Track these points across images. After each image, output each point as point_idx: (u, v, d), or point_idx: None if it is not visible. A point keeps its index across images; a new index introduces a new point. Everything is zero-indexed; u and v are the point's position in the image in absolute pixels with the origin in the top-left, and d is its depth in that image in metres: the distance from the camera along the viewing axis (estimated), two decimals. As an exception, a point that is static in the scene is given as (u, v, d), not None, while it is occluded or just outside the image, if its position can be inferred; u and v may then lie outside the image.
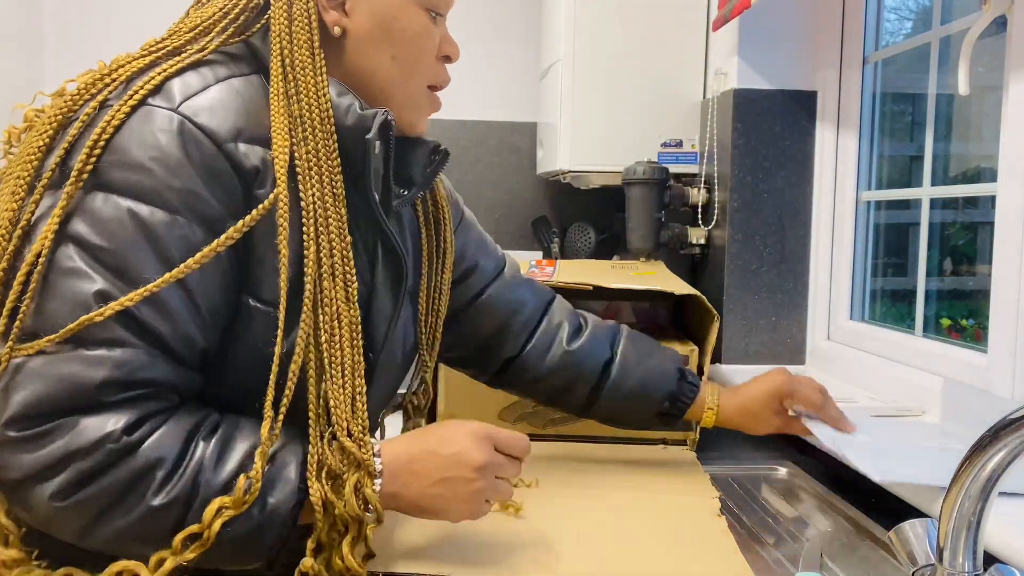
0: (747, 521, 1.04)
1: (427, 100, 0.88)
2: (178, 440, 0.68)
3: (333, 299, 0.75)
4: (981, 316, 1.28)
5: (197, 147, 0.70)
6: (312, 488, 0.71)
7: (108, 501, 0.65)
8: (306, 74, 0.76)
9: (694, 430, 1.26)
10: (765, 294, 1.59)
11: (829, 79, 1.55)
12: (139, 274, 0.67)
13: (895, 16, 1.62)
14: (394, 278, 0.86)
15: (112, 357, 0.66)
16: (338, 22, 0.80)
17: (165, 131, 0.69)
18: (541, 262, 1.51)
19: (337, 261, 0.76)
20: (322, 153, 0.76)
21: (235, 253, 0.73)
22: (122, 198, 0.68)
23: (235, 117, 0.73)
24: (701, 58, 1.76)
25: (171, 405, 0.70)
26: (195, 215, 0.70)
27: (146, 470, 0.66)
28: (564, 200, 2.17)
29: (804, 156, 1.58)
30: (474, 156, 2.18)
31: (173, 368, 0.70)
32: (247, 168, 0.73)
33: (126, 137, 0.69)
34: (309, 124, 0.75)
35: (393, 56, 0.82)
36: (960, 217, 1.55)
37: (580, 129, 1.75)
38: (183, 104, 0.71)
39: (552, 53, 1.84)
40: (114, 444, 0.65)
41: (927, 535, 0.69)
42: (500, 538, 0.90)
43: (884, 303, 1.57)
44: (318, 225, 0.75)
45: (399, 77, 0.83)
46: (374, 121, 0.77)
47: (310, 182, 0.75)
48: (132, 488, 0.65)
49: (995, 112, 1.15)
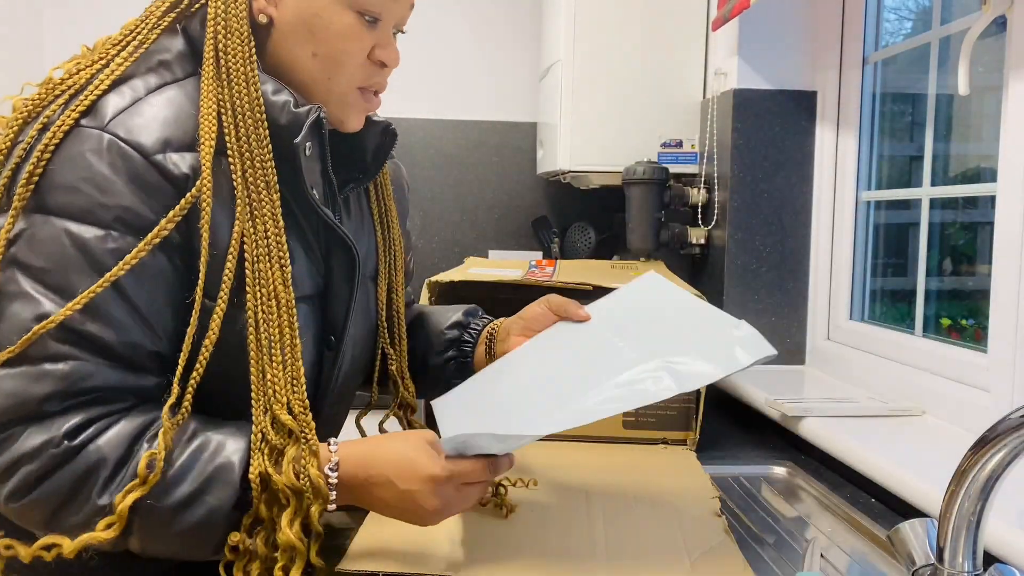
0: (747, 521, 1.04)
1: (357, 99, 0.87)
2: (123, 442, 0.71)
3: (270, 280, 0.77)
4: (981, 316, 1.28)
5: (125, 162, 0.72)
6: (253, 462, 0.73)
7: (58, 500, 0.69)
8: (238, 61, 0.78)
9: (694, 430, 1.26)
10: (765, 294, 1.59)
11: (829, 79, 1.55)
12: (78, 291, 0.70)
13: (895, 16, 1.62)
14: (347, 265, 0.89)
15: (56, 371, 0.69)
16: (264, 10, 0.81)
17: (94, 151, 0.72)
18: (541, 262, 1.51)
19: (273, 244, 0.78)
20: (252, 138, 0.78)
21: (180, 259, 0.75)
22: (58, 219, 0.71)
23: (163, 128, 0.75)
24: (701, 58, 1.76)
25: (123, 407, 0.73)
26: (128, 228, 0.72)
27: (89, 472, 0.69)
28: (564, 200, 2.17)
29: (804, 156, 1.58)
30: (474, 156, 2.18)
31: (122, 374, 0.72)
32: (177, 176, 0.74)
33: (60, 160, 0.72)
34: (239, 110, 0.77)
35: (314, 52, 0.82)
36: (960, 217, 1.55)
37: (580, 129, 1.75)
38: (112, 122, 0.73)
39: (552, 53, 1.84)
40: (55, 449, 0.68)
41: (927, 535, 0.69)
42: (499, 538, 0.90)
43: (884, 303, 1.57)
44: (253, 208, 0.77)
45: (320, 75, 0.83)
46: (306, 120, 0.79)
47: (240, 166, 0.77)
48: (79, 488, 0.69)
49: (995, 112, 1.15)
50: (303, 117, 0.79)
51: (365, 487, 0.76)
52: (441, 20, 2.15)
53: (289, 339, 0.78)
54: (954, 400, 1.18)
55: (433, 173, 2.17)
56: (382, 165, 0.96)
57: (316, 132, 0.82)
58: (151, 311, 0.73)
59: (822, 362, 1.56)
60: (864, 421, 1.21)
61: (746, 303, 1.59)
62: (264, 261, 0.77)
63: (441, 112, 2.17)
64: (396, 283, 1.02)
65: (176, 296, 0.75)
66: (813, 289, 1.59)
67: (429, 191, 2.17)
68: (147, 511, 0.70)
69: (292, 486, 0.73)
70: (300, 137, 0.79)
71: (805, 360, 1.60)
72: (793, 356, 1.60)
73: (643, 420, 1.28)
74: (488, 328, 1.07)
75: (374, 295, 0.99)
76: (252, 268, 0.77)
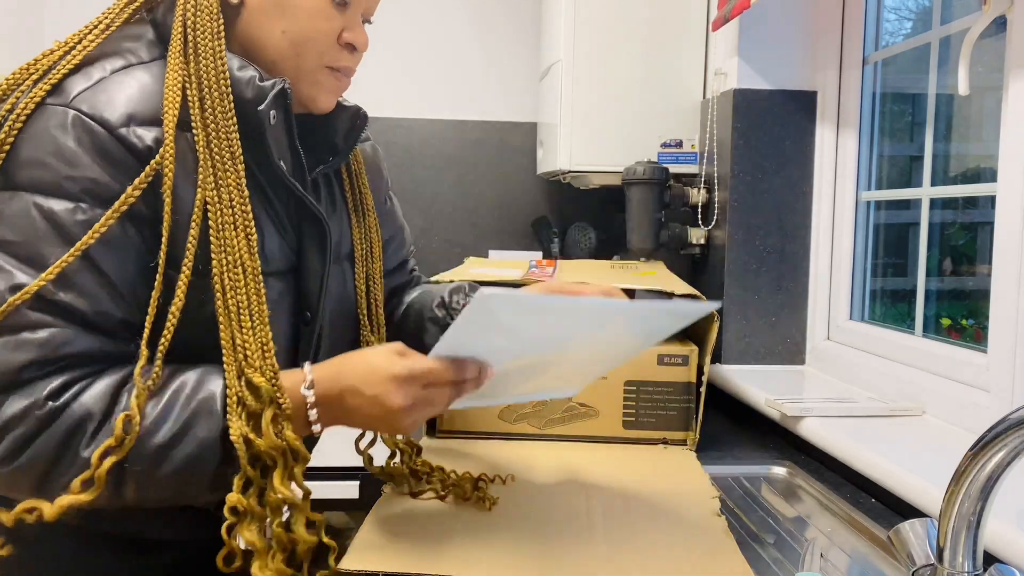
0: (747, 521, 1.04)
1: (327, 78, 0.88)
2: (105, 395, 0.72)
3: (236, 248, 0.79)
4: (981, 316, 1.28)
5: (89, 135, 0.74)
6: (232, 426, 0.74)
7: (48, 461, 0.70)
8: (206, 36, 0.80)
9: (694, 430, 1.26)
10: (765, 294, 1.59)
11: (829, 79, 1.55)
12: (50, 262, 0.71)
13: (895, 16, 1.62)
14: (319, 239, 0.90)
15: (35, 339, 0.71)
16: None
17: (59, 126, 0.74)
18: (541, 262, 1.51)
19: (238, 213, 0.79)
20: (218, 110, 0.79)
21: (148, 230, 0.77)
22: (27, 193, 0.73)
23: (127, 104, 0.76)
24: (701, 58, 1.76)
25: (100, 368, 0.74)
26: (97, 200, 0.74)
27: (76, 426, 0.71)
28: (564, 200, 2.17)
29: (804, 156, 1.58)
30: (474, 156, 2.18)
31: (97, 339, 0.74)
32: (141, 149, 0.76)
33: (26, 137, 0.74)
34: (206, 82, 0.79)
35: (283, 30, 0.84)
36: (960, 217, 1.55)
37: (580, 129, 1.75)
38: (76, 98, 0.75)
39: (552, 53, 1.84)
40: (40, 410, 0.70)
41: (927, 535, 0.69)
42: (499, 538, 0.90)
43: (884, 303, 1.57)
44: (218, 178, 0.79)
45: (289, 52, 0.85)
46: (270, 91, 0.81)
47: (204, 137, 0.79)
48: (67, 444, 0.71)
49: (995, 112, 1.15)
50: (268, 89, 0.81)
51: (339, 400, 0.78)
52: (441, 20, 2.16)
53: (256, 307, 0.79)
54: (954, 400, 1.18)
55: (433, 173, 2.17)
56: (352, 147, 0.97)
57: (281, 102, 0.83)
58: (121, 280, 0.75)
59: (822, 362, 1.56)
60: (864, 421, 1.21)
61: (746, 303, 1.59)
62: (229, 229, 0.79)
63: (441, 112, 2.18)
64: (373, 271, 1.02)
65: (146, 266, 0.77)
66: (813, 289, 1.59)
67: (429, 191, 2.17)
68: (136, 456, 0.71)
69: (275, 447, 0.74)
70: (264, 105, 0.81)
71: (805, 360, 1.60)
72: (793, 356, 1.60)
73: (643, 420, 1.28)
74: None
75: (351, 277, 1.00)
76: (217, 236, 0.78)
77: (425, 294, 1.14)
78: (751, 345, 1.59)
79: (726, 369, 1.56)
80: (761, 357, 1.59)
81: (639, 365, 1.27)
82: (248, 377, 0.76)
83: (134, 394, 0.72)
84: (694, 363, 1.27)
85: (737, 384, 1.47)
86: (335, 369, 0.79)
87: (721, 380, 1.53)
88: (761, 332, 1.59)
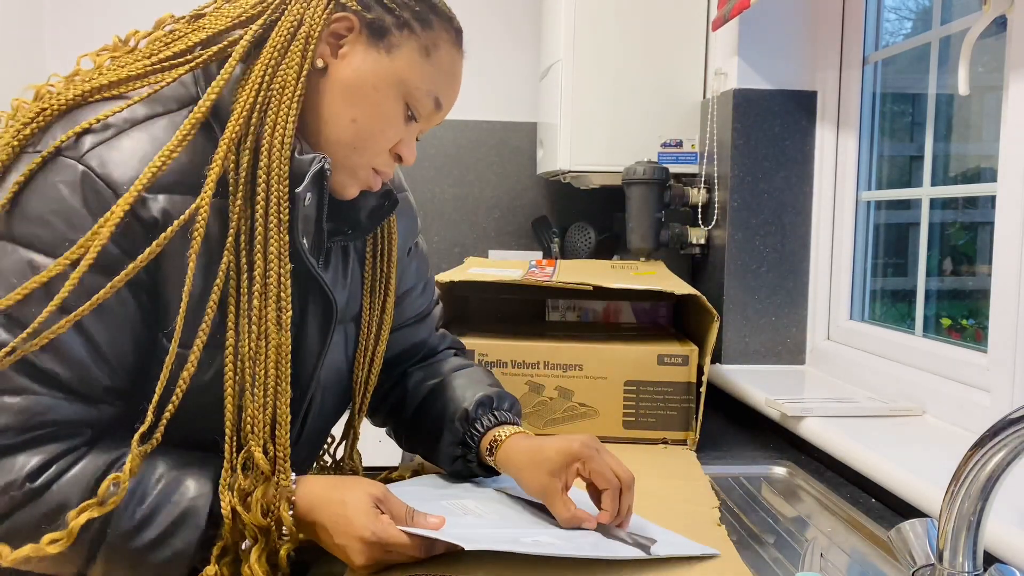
0: (747, 521, 1.04)
1: (367, 176, 0.85)
2: (87, 484, 0.70)
3: (263, 318, 0.76)
4: (981, 316, 1.28)
5: (97, 198, 0.71)
6: (223, 499, 0.73)
7: (23, 537, 0.69)
8: (283, 91, 0.77)
9: (694, 430, 1.26)
10: (765, 294, 1.59)
11: (829, 79, 1.55)
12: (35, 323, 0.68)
13: (895, 16, 1.62)
14: (323, 317, 0.87)
15: (13, 404, 0.69)
16: (325, 57, 0.80)
17: (68, 183, 0.70)
18: (541, 262, 1.51)
19: (272, 283, 0.76)
20: (273, 176, 0.76)
21: (146, 297, 0.74)
22: (24, 249, 0.70)
23: (140, 167, 0.72)
24: (701, 58, 1.76)
25: (82, 442, 0.72)
26: (95, 265, 0.70)
27: (55, 512, 0.69)
28: (564, 200, 2.17)
29: (804, 156, 1.58)
30: (474, 156, 2.18)
31: (80, 407, 0.72)
32: (146, 220, 0.73)
33: (31, 189, 0.71)
34: (265, 145, 0.76)
35: (354, 119, 0.81)
36: (960, 217, 1.55)
37: (580, 129, 1.75)
38: (89, 153, 0.72)
39: (552, 53, 1.84)
40: (17, 491, 0.68)
41: (927, 535, 0.69)
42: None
43: (884, 303, 1.57)
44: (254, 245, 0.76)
45: (349, 140, 0.82)
46: (309, 169, 0.78)
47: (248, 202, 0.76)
48: (43, 527, 0.69)
49: (995, 112, 1.15)
50: (306, 166, 0.78)
51: (312, 528, 0.78)
52: (441, 20, 2.15)
53: (273, 380, 0.77)
54: (954, 400, 1.18)
55: (433, 173, 2.17)
56: (374, 227, 0.92)
57: (318, 183, 0.80)
58: (112, 350, 0.73)
59: (822, 362, 1.56)
60: (864, 421, 1.21)
61: (746, 303, 1.59)
62: (258, 298, 0.76)
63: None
64: (377, 353, 0.96)
65: (139, 333, 0.75)
66: (813, 289, 1.59)
67: (429, 191, 2.17)
68: (113, 551, 0.70)
69: (260, 525, 0.74)
70: (301, 187, 0.77)
71: (805, 360, 1.60)
72: (793, 356, 1.60)
73: (643, 420, 1.28)
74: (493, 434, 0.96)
75: (354, 336, 0.95)
76: (244, 305, 0.76)
77: (448, 389, 1.01)
78: (751, 345, 1.59)
79: (726, 369, 1.56)
80: (761, 357, 1.59)
81: (639, 365, 1.27)
82: (251, 452, 0.75)
83: (128, 457, 0.70)
84: (694, 363, 1.27)
85: (737, 384, 1.47)
86: (315, 497, 0.78)
87: (721, 380, 1.53)
88: (761, 332, 1.59)
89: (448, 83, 0.87)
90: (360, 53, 0.80)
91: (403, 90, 0.82)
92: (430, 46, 0.83)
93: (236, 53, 0.78)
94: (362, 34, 0.80)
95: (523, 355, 1.29)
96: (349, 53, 0.80)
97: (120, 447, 0.73)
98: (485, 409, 0.98)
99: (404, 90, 0.82)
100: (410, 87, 0.82)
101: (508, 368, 1.29)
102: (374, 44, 0.80)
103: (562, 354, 1.29)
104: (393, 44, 0.81)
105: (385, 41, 0.81)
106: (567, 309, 1.63)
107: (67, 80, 0.79)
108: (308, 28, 0.78)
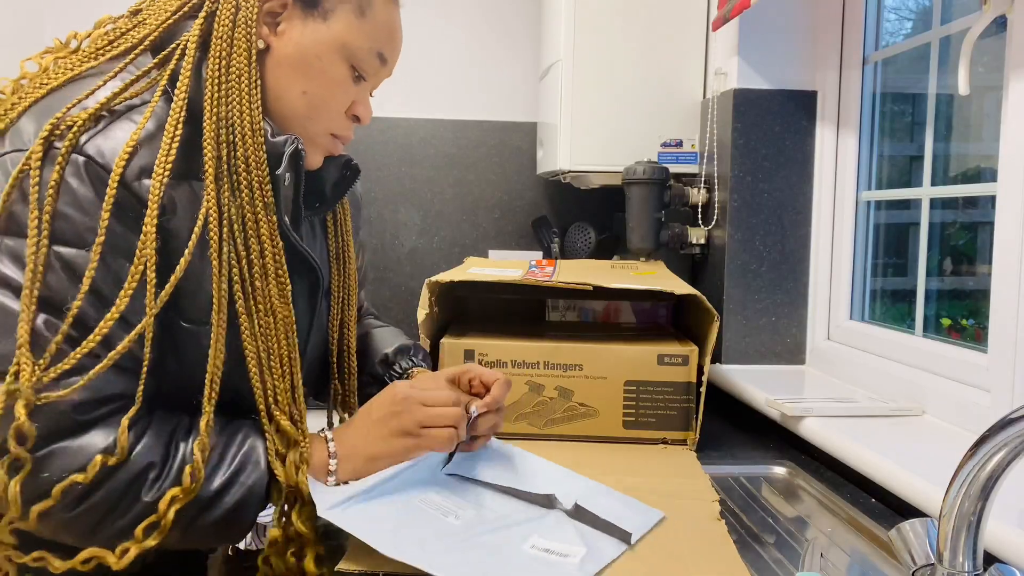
0: (747, 521, 1.04)
1: (326, 142, 0.89)
2: (161, 445, 0.76)
3: (267, 297, 0.81)
4: (981, 316, 1.28)
5: (104, 186, 0.73)
6: (278, 470, 0.80)
7: (108, 506, 0.73)
8: (240, 81, 0.79)
9: (694, 430, 1.26)
10: (765, 294, 1.59)
11: (829, 79, 1.55)
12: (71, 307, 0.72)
13: (895, 16, 1.62)
14: (311, 288, 0.93)
15: (81, 382, 0.72)
16: (266, 37, 0.82)
17: (74, 175, 0.73)
18: (541, 262, 1.51)
19: (269, 262, 0.81)
20: (252, 160, 0.79)
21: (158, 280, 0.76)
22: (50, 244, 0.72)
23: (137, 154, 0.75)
24: (701, 58, 1.76)
25: (145, 413, 0.77)
26: (117, 251, 0.74)
27: (139, 474, 0.74)
28: (564, 200, 2.17)
29: (804, 156, 1.58)
30: (474, 156, 2.18)
31: (129, 380, 0.76)
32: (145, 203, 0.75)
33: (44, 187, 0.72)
34: (239, 132, 0.78)
35: (304, 91, 0.84)
36: (960, 217, 1.55)
37: (580, 129, 1.75)
38: (87, 144, 0.74)
39: (552, 53, 1.84)
40: (95, 465, 0.72)
41: (927, 535, 0.69)
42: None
43: (884, 303, 1.57)
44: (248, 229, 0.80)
45: (303, 112, 0.85)
46: (284, 150, 0.81)
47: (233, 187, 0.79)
48: (128, 491, 0.74)
49: (995, 112, 1.15)
50: (280, 147, 0.81)
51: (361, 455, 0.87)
52: (441, 20, 2.15)
53: (287, 352, 0.83)
54: (954, 400, 1.18)
55: (433, 173, 2.17)
56: (340, 197, 0.98)
57: (294, 163, 0.84)
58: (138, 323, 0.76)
59: (822, 362, 1.56)
60: (864, 421, 1.21)
61: (746, 303, 1.59)
62: (260, 279, 0.80)
63: (441, 112, 2.17)
64: (348, 318, 1.03)
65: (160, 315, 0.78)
66: (813, 289, 1.59)
67: (429, 191, 2.17)
68: (188, 503, 0.75)
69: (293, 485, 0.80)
70: (281, 169, 0.81)
71: (805, 360, 1.60)
72: (793, 356, 1.60)
73: (643, 420, 1.28)
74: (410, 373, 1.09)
75: (326, 311, 1.01)
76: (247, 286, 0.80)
77: (371, 340, 1.14)
78: (751, 345, 1.59)
79: (726, 369, 1.56)
80: (761, 357, 1.59)
81: (639, 365, 1.27)
82: (278, 421, 0.81)
83: (196, 444, 0.75)
84: (694, 363, 1.27)
85: (737, 384, 1.47)
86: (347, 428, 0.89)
87: (721, 380, 1.53)
88: (761, 332, 1.59)
89: (388, 37, 0.88)
90: (298, 27, 0.82)
91: (346, 53, 0.84)
92: (364, 5, 0.84)
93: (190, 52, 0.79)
94: (296, 7, 0.82)
95: (523, 355, 1.29)
96: (287, 29, 0.82)
97: (176, 415, 0.79)
98: (403, 355, 1.11)
99: (347, 53, 0.84)
100: (352, 49, 0.84)
101: (508, 368, 1.29)
102: (309, 15, 0.83)
103: (562, 354, 1.29)
104: (327, 10, 0.83)
105: (319, 9, 0.83)
106: (567, 309, 1.63)
107: (14, 84, 0.80)
108: (246, 13, 0.80)
